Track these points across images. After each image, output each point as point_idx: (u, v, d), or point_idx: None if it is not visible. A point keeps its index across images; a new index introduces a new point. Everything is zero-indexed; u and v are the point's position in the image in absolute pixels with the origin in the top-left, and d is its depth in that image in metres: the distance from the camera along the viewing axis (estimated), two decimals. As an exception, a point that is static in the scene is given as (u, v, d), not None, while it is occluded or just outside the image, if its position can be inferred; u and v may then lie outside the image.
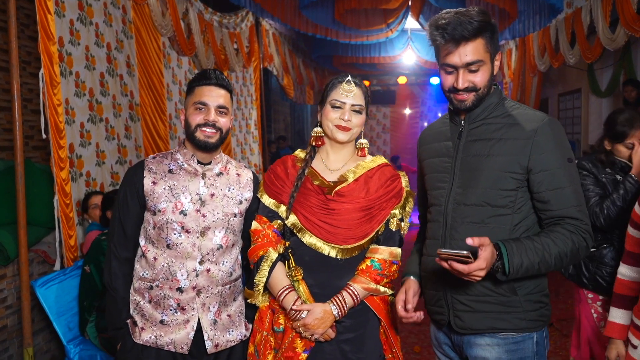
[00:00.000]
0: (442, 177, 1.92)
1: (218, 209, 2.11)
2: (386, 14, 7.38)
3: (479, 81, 1.80)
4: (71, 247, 3.67)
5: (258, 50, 8.05)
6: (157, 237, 2.08)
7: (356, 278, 2.03)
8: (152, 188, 2.07)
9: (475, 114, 1.87)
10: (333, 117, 2.04)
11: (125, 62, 4.63)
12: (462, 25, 1.72)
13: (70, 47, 3.80)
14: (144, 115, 4.91)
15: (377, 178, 2.09)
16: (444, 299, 1.89)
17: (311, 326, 1.94)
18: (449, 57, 1.78)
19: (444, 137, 1.96)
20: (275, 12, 6.56)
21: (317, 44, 10.00)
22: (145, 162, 2.13)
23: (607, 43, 5.81)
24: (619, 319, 2.23)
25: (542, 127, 1.77)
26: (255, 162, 8.13)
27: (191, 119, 2.07)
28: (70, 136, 3.74)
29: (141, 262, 2.12)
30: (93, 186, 4.02)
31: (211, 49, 6.33)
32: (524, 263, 1.67)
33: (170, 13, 5.24)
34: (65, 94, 3.68)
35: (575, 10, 6.49)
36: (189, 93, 2.11)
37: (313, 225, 2.01)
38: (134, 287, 2.12)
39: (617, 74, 7.90)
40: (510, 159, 1.77)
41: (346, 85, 2.04)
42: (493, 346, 1.83)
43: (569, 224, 1.74)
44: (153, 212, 2.07)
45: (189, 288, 2.07)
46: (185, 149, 2.14)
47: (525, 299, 1.81)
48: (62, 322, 3.34)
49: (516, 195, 1.78)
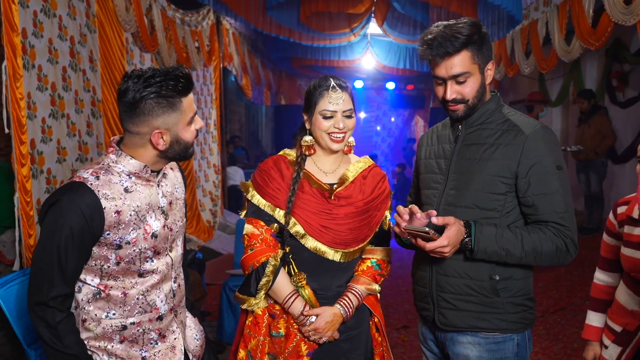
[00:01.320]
0: (436, 178, 1.98)
1: (178, 217, 1.87)
2: (351, 18, 7.46)
3: (467, 92, 1.85)
4: (31, 246, 3.54)
5: (218, 49, 7.98)
6: (124, 272, 1.71)
7: (358, 279, 2.09)
8: (116, 219, 1.65)
9: (473, 119, 1.93)
10: (326, 126, 2.02)
11: (88, 57, 4.50)
12: (447, 40, 1.79)
13: (33, 39, 3.66)
14: (106, 112, 4.78)
15: (371, 179, 2.14)
16: (430, 296, 1.96)
17: (322, 330, 1.98)
18: (437, 69, 1.86)
19: (443, 140, 2.02)
20: (240, 12, 6.51)
21: (276, 45, 9.98)
22: (92, 187, 1.62)
23: (563, 55, 6.04)
24: (596, 322, 2.32)
25: (533, 134, 1.82)
26: (215, 162, 8.04)
27: (190, 134, 1.77)
28: (31, 132, 3.61)
29: (98, 303, 1.70)
30: (53, 184, 3.88)
31: (173, 46, 6.23)
32: (489, 247, 1.76)
33: (134, 8, 5.13)
34: (27, 87, 3.55)
35: (532, 22, 6.72)
36: (174, 112, 1.72)
37: (315, 230, 2.02)
38: (93, 333, 1.71)
39: (567, 84, 8.24)
40: (501, 164, 1.83)
41: (333, 93, 2.01)
42: (474, 345, 1.90)
43: (553, 227, 1.80)
44: (116, 247, 1.67)
45: (167, 312, 1.83)
46: (133, 160, 1.71)
47: (507, 301, 1.87)
48: (23, 325, 3.21)
49: (505, 199, 1.84)
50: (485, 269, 1.85)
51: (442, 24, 1.86)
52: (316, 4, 6.59)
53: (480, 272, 1.86)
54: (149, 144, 1.70)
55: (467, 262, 1.86)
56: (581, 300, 5.16)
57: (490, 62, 1.90)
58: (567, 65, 7.74)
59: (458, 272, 1.88)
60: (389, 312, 5.40)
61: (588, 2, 5.38)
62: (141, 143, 1.71)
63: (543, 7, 6.44)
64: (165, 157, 1.76)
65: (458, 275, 1.88)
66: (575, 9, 5.60)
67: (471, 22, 1.84)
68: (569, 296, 5.33)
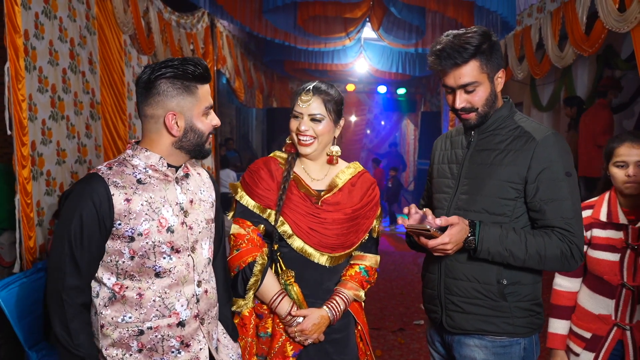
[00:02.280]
0: (448, 183, 2.01)
1: (200, 217, 1.81)
2: (347, 23, 7.49)
3: (477, 101, 1.88)
4: (30, 248, 3.52)
5: (212, 52, 7.97)
6: (140, 269, 1.66)
7: (346, 283, 2.11)
8: (126, 207, 1.63)
9: (486, 125, 1.95)
10: (293, 126, 2.05)
11: (88, 59, 4.49)
12: (456, 50, 1.82)
13: (34, 41, 3.65)
14: (105, 114, 4.77)
15: (360, 186, 2.15)
16: (439, 299, 1.98)
17: (308, 331, 1.98)
18: (446, 79, 1.89)
19: (456, 145, 2.05)
20: (237, 15, 6.53)
21: (269, 48, 9.99)
22: (103, 175, 1.64)
23: (556, 60, 6.11)
24: (560, 330, 2.33)
25: (543, 141, 1.84)
26: (209, 165, 8.02)
27: (204, 125, 1.74)
28: (32, 133, 3.60)
29: (114, 306, 1.66)
30: (53, 186, 3.87)
31: (169, 48, 6.23)
32: (493, 247, 1.79)
33: (131, 10, 5.13)
34: (28, 89, 3.54)
35: (525, 28, 6.79)
36: (189, 96, 1.69)
37: (303, 232, 2.03)
38: (110, 339, 1.66)
39: (558, 89, 8.33)
40: (511, 170, 1.85)
41: (304, 96, 2.03)
42: (481, 348, 1.92)
43: (559, 233, 1.82)
44: (129, 239, 1.64)
45: (190, 319, 1.74)
46: (149, 152, 1.71)
47: (514, 306, 1.89)
48: (24, 327, 3.20)
49: (515, 205, 1.87)
50: (493, 273, 1.87)
51: (452, 33, 1.89)
52: (313, 7, 6.61)
53: (488, 276, 1.88)
54: (164, 128, 1.70)
55: (475, 266, 1.88)
56: (575, 303, 5.22)
57: (501, 70, 1.92)
58: (559, 71, 7.83)
59: (466, 276, 1.90)
60: (385, 315, 5.43)
61: (581, 9, 5.45)
62: (156, 129, 1.71)
63: (537, 13, 6.52)
64: (180, 148, 1.73)
65: (466, 279, 1.91)
66: (569, 15, 5.67)
67: (481, 32, 1.87)
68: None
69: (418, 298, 5.63)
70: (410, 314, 5.50)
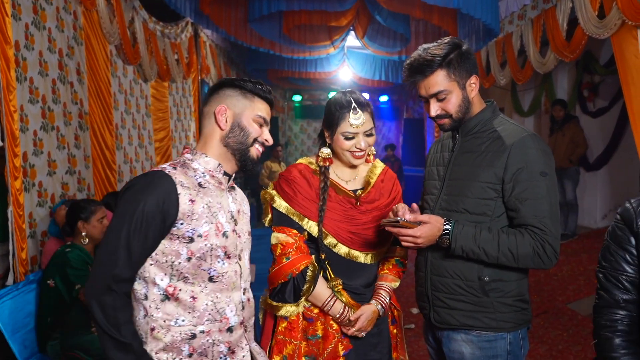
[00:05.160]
0: (435, 184, 2.10)
1: (244, 228, 1.84)
2: (332, 31, 7.55)
3: (450, 108, 1.97)
4: (23, 260, 3.50)
5: (196, 61, 7.98)
6: (195, 271, 1.65)
7: (386, 277, 2.23)
8: (190, 208, 1.63)
9: (468, 127, 2.03)
10: (348, 145, 2.09)
11: (76, 70, 4.48)
12: (422, 63, 1.94)
13: (25, 52, 3.64)
14: (93, 124, 4.76)
15: (387, 182, 2.25)
16: (426, 295, 2.07)
17: (364, 327, 2.10)
18: (419, 90, 2.00)
19: (445, 148, 2.14)
20: (222, 24, 6.55)
21: (253, 57, 10.01)
22: (170, 174, 1.65)
23: (538, 66, 6.24)
24: None
25: (519, 141, 1.91)
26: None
27: (252, 128, 1.78)
28: (24, 144, 3.58)
29: (167, 308, 1.64)
30: (45, 197, 3.84)
31: (155, 58, 6.23)
32: (466, 245, 1.88)
33: (117, 20, 5.13)
34: (20, 100, 3.52)
35: (506, 35, 6.93)
36: (244, 99, 1.76)
37: (346, 239, 2.12)
38: (162, 343, 1.64)
39: (539, 95, 8.50)
40: (489, 171, 1.92)
41: (354, 115, 2.06)
42: (467, 342, 2.00)
43: (532, 231, 1.87)
44: (188, 240, 1.64)
45: (237, 325, 1.75)
46: (208, 158, 1.76)
47: (497, 301, 1.95)
48: (18, 340, 3.16)
49: (495, 205, 1.93)
50: (474, 270, 1.95)
51: (423, 47, 2.00)
52: (299, 16, 6.65)
53: (471, 273, 1.95)
54: (214, 122, 1.75)
55: (458, 263, 1.96)
56: (562, 303, 5.32)
57: (473, 76, 1.99)
58: (539, 77, 7.99)
59: (449, 273, 1.99)
60: (376, 320, 5.45)
61: (562, 16, 5.58)
62: (210, 126, 1.77)
63: (518, 20, 6.65)
64: (227, 146, 1.76)
65: (450, 276, 1.99)
66: (550, 22, 5.81)
67: (450, 43, 1.96)
68: (550, 300, 5.47)
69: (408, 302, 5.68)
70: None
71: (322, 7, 6.18)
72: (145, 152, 6.23)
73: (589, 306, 4.99)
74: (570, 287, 5.66)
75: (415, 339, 4.92)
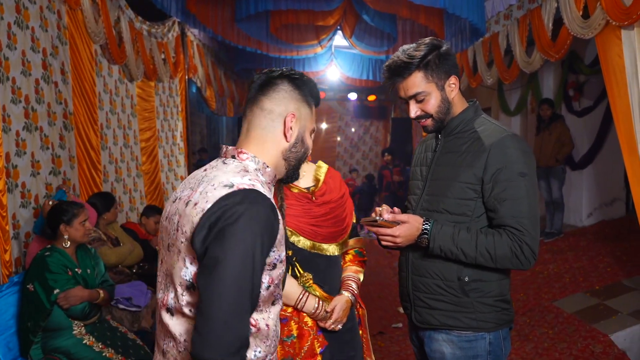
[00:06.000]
0: (418, 184, 2.12)
1: None
2: (319, 31, 7.55)
3: (430, 108, 1.99)
4: (6, 262, 3.45)
5: (183, 61, 7.93)
6: (268, 298, 1.44)
7: (351, 268, 2.31)
8: (282, 233, 1.44)
9: (450, 128, 2.04)
10: None
11: (60, 69, 4.43)
12: (399, 66, 1.96)
13: (7, 52, 3.60)
14: (77, 124, 4.71)
15: (335, 179, 2.34)
16: (408, 295, 2.09)
17: (340, 318, 2.16)
18: (398, 92, 2.03)
19: (428, 148, 2.16)
20: (209, 24, 6.52)
21: (240, 57, 9.96)
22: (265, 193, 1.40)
23: (524, 66, 6.28)
24: None
25: (499, 142, 1.92)
26: (182, 174, 7.97)
27: (310, 143, 1.62)
28: (6, 145, 3.53)
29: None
30: (28, 198, 3.80)
31: (141, 58, 6.18)
32: (445, 245, 1.90)
33: (103, 20, 5.08)
34: (2, 100, 3.48)
35: (493, 35, 6.96)
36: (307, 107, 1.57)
37: (308, 232, 2.16)
38: None
39: (525, 94, 8.54)
40: (469, 171, 1.93)
41: None
42: (448, 342, 2.01)
43: (510, 232, 1.88)
44: (272, 266, 1.42)
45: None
46: (269, 169, 1.52)
47: (477, 301, 1.96)
48: (2, 342, 3.13)
49: (475, 205, 1.94)
50: (454, 270, 1.96)
51: (402, 48, 2.01)
52: (286, 16, 6.65)
53: (450, 273, 1.97)
54: (280, 129, 1.51)
55: (437, 263, 1.97)
56: (548, 301, 5.35)
57: (452, 76, 2.00)
58: (525, 77, 8.04)
59: (429, 273, 2.00)
60: (364, 320, 5.47)
61: (547, 16, 5.62)
62: (270, 126, 1.51)
63: (504, 20, 6.68)
64: (286, 160, 1.55)
65: (430, 276, 2.00)
66: (535, 22, 5.84)
67: (429, 44, 1.97)
68: (536, 298, 5.51)
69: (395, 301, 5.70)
70: (388, 317, 5.55)
71: (309, 6, 6.16)
72: (130, 152, 6.19)
73: (575, 304, 5.07)
74: (556, 285, 5.70)
75: (403, 337, 4.94)
